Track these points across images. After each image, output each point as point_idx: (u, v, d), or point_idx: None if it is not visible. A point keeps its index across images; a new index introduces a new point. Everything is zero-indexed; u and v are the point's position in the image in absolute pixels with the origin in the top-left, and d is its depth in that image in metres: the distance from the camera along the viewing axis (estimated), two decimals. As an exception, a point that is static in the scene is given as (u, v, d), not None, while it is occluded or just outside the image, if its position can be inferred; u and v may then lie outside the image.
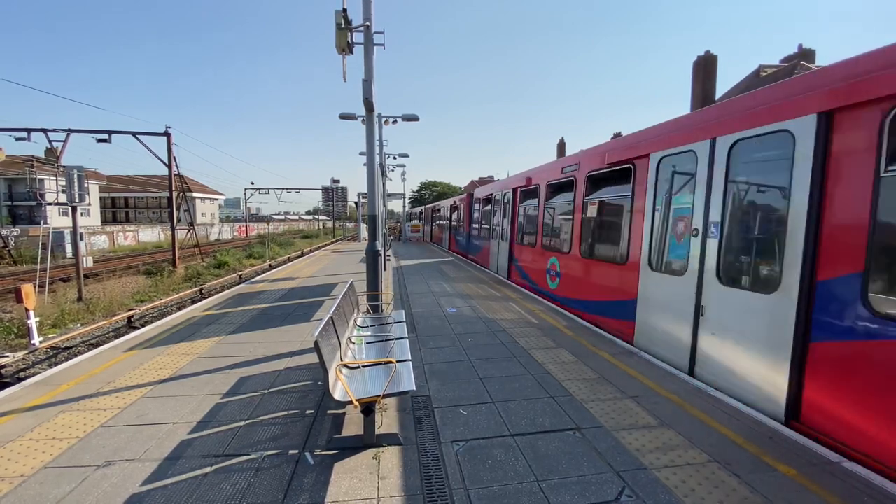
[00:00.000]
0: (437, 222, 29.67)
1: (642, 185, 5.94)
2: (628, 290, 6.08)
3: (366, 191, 8.88)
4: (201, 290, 14.67)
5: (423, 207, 41.56)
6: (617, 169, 6.64)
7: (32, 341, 8.03)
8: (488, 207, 14.76)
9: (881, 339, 3.03)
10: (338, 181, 53.47)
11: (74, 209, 13.60)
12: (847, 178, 3.34)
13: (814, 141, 3.55)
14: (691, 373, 4.82)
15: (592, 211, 7.48)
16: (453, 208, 23.04)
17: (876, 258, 3.11)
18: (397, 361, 3.68)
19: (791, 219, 3.72)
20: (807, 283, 3.56)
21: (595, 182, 7.43)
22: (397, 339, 4.71)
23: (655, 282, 5.56)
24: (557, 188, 8.94)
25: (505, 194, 12.50)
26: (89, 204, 40.11)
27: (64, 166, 14.29)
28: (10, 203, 40.57)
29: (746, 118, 4.25)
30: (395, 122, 17.34)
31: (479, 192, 16.66)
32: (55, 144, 17.87)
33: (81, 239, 14.34)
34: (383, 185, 19.54)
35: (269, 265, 22.52)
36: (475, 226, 17.19)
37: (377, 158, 8.21)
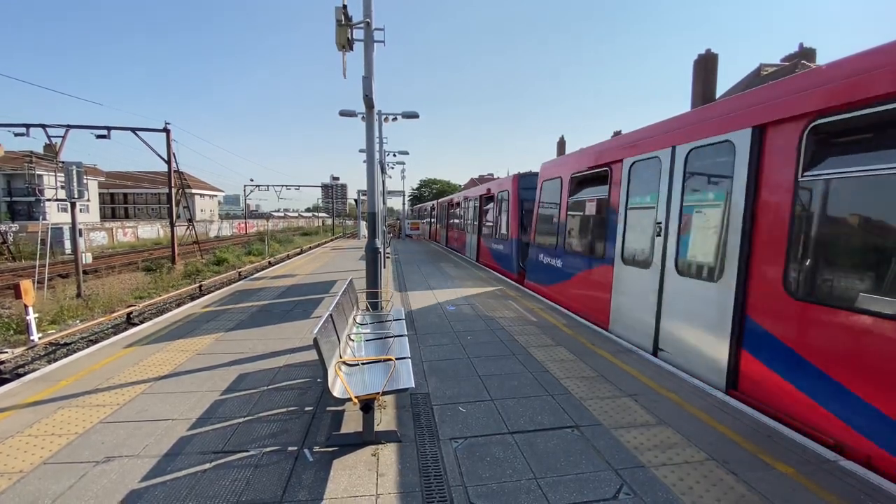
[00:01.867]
0: (453, 221, 22.51)
1: None
2: None
3: (365, 188, 8.83)
4: (200, 286, 14.64)
5: (434, 202, 32.82)
6: None
7: (31, 337, 8.02)
8: (589, 194, 7.57)
9: None
10: (337, 178, 53.45)
11: (73, 205, 13.56)
12: None
13: None
14: None
15: None
16: (487, 200, 15.41)
17: None
18: (396, 359, 3.68)
19: None
20: None
21: None
22: (396, 336, 4.72)
23: None
24: None
25: (689, 154, 5.05)
26: (88, 200, 40.06)
27: (63, 162, 14.25)
28: (8, 199, 40.44)
29: None
30: (395, 119, 17.33)
31: (554, 168, 9.15)
32: (54, 140, 17.81)
33: (80, 235, 14.30)
34: (383, 182, 19.51)
35: (269, 262, 22.49)
36: (547, 230, 9.33)
37: (377, 156, 8.20)
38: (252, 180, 54.17)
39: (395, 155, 25.57)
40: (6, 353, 7.79)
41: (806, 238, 3.73)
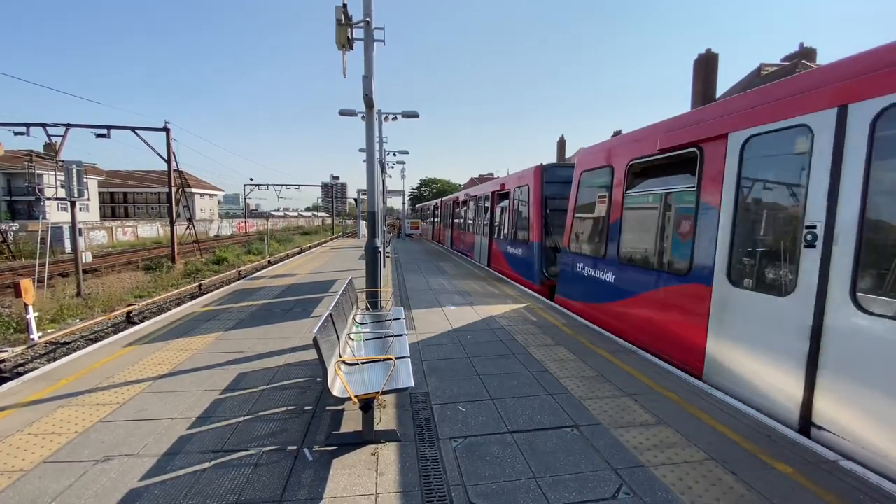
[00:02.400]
0: (460, 221, 20.38)
1: None
2: None
3: (365, 187, 8.81)
4: (200, 286, 14.65)
5: (438, 201, 30.13)
6: None
7: (31, 336, 8.03)
8: (662, 186, 5.84)
9: None
10: (337, 177, 53.28)
11: (73, 204, 13.56)
12: None
13: None
14: None
15: None
16: (501, 197, 13.43)
17: None
18: (396, 358, 3.68)
19: None
20: None
21: None
22: (396, 335, 4.71)
23: None
24: None
25: (879, 116, 3.12)
26: (88, 199, 40.04)
27: (63, 161, 14.24)
28: (8, 198, 40.39)
29: None
30: (395, 118, 17.33)
31: (601, 154, 7.19)
32: (54, 139, 17.82)
33: (80, 234, 14.29)
34: (383, 181, 19.50)
35: (269, 262, 22.48)
36: (591, 233, 7.60)
37: (377, 155, 8.19)
38: (252, 179, 54.15)
39: (395, 154, 25.57)
40: (6, 351, 7.79)
41: None
